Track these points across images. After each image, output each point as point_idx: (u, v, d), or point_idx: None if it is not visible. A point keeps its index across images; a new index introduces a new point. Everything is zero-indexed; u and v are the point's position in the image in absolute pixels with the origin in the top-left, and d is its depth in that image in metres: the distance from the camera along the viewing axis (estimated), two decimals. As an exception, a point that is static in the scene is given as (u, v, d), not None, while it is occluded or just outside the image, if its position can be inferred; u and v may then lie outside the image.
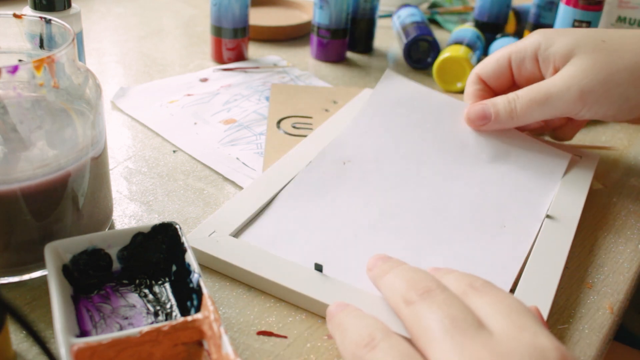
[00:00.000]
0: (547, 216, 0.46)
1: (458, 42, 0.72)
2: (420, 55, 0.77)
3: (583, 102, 0.49)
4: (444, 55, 0.70)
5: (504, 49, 0.55)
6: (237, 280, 0.40)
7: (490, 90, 0.56)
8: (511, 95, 0.52)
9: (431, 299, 0.30)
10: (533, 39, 0.53)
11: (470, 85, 0.56)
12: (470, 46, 0.72)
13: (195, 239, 0.41)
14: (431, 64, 0.76)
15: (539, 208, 0.48)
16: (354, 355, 0.30)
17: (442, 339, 0.28)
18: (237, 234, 0.42)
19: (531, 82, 0.54)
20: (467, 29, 0.77)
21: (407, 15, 0.83)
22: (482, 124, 0.53)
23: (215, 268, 0.41)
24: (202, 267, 0.41)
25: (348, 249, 0.42)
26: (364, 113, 0.56)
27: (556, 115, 0.51)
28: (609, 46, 0.49)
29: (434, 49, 0.76)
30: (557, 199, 0.49)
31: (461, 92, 0.71)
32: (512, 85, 0.56)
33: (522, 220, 0.46)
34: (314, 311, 0.38)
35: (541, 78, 0.54)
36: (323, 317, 0.38)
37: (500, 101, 0.52)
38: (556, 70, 0.51)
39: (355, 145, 0.52)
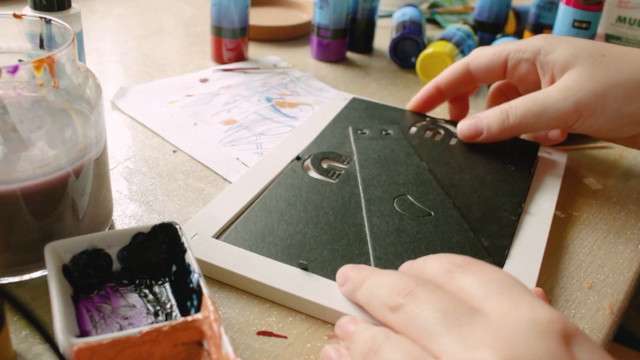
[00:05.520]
0: (521, 211, 0.46)
1: (446, 39, 0.73)
2: (405, 54, 0.77)
3: (578, 114, 0.49)
4: (427, 50, 0.71)
5: (502, 46, 0.55)
6: (237, 280, 0.40)
7: (468, 81, 0.57)
8: (504, 106, 0.52)
9: (416, 298, 0.30)
10: (535, 42, 0.53)
11: (454, 68, 0.56)
12: (458, 44, 0.72)
13: None
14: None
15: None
16: None
17: (440, 333, 0.28)
18: (219, 235, 0.42)
19: (523, 83, 0.55)
20: (459, 27, 0.77)
21: (401, 15, 0.83)
22: (474, 138, 0.54)
23: (202, 271, 0.40)
24: None
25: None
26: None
27: (550, 126, 0.51)
28: (608, 61, 0.49)
29: (420, 48, 0.76)
30: (530, 196, 0.49)
31: None
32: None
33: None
34: (298, 308, 0.38)
35: (535, 81, 0.54)
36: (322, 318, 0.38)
37: (492, 114, 0.52)
38: (553, 78, 0.52)
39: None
